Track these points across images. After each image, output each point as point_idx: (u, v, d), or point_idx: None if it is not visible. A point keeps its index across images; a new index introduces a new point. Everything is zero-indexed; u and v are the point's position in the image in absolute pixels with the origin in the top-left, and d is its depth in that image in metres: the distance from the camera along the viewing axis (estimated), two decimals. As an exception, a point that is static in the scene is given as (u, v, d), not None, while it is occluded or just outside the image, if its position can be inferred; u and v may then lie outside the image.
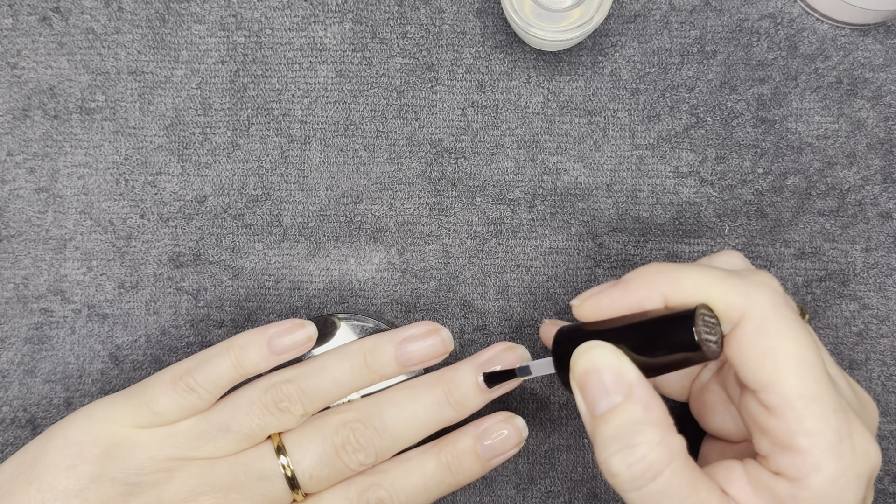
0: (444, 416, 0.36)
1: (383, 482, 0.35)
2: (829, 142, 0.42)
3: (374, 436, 0.35)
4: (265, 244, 0.42)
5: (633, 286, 0.31)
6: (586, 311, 0.32)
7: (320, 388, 0.36)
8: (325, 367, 0.36)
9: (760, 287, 0.30)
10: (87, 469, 0.34)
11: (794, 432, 0.29)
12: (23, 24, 0.43)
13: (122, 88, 0.43)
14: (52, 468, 0.34)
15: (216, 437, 0.35)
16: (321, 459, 0.35)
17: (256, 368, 0.36)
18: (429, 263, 0.42)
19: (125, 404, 0.35)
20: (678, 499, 0.29)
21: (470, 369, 0.37)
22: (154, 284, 0.42)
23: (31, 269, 0.42)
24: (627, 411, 0.29)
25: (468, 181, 0.42)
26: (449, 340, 0.37)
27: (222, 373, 0.35)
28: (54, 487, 0.33)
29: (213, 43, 0.43)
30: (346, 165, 0.42)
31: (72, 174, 0.42)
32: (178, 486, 0.34)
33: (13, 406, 0.42)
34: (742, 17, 0.42)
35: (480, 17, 0.42)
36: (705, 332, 0.29)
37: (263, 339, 0.36)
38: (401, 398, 0.36)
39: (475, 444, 0.36)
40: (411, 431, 0.36)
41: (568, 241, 0.42)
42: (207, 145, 0.42)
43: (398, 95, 0.42)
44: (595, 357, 0.30)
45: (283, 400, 0.35)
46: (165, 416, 0.35)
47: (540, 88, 0.42)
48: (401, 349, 0.36)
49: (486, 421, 0.37)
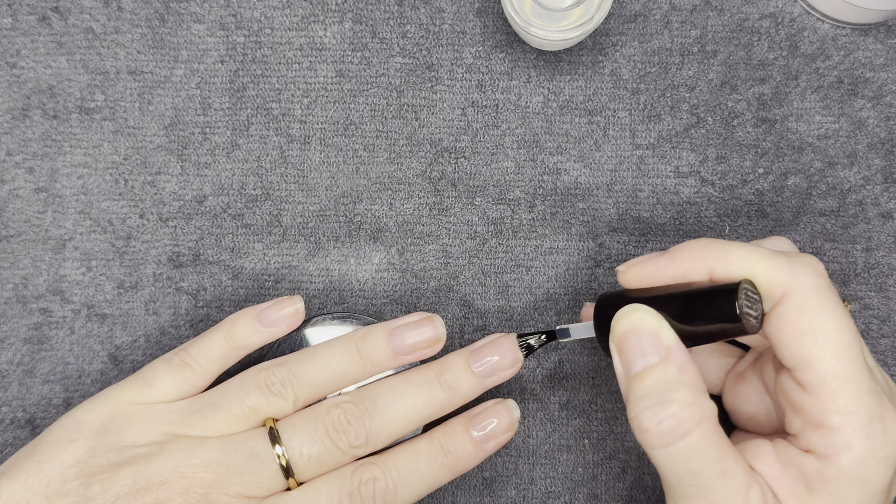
0: (435, 397, 0.36)
1: (377, 460, 0.36)
2: (830, 141, 0.42)
3: (364, 415, 0.35)
4: (265, 244, 0.42)
5: (679, 257, 0.32)
6: (631, 277, 0.33)
7: (311, 372, 0.36)
8: (317, 352, 0.37)
9: (805, 268, 0.30)
10: (84, 442, 0.35)
11: (827, 410, 0.29)
12: (22, 24, 0.43)
13: (121, 88, 0.42)
14: (54, 442, 0.35)
15: (206, 415, 0.35)
16: (311, 438, 0.35)
17: (247, 341, 0.37)
18: (429, 263, 0.42)
19: (127, 384, 0.36)
20: (704, 462, 0.29)
21: (460, 354, 0.37)
22: (153, 284, 0.42)
23: (31, 269, 0.42)
24: (663, 371, 0.30)
25: (468, 181, 0.42)
26: (442, 329, 0.37)
27: (214, 346, 0.37)
28: (52, 459, 0.34)
29: (213, 42, 0.42)
30: (345, 165, 0.42)
31: (71, 174, 0.42)
32: (167, 458, 0.34)
33: (12, 406, 0.42)
34: (743, 17, 0.42)
35: (480, 17, 0.42)
36: (747, 306, 0.30)
37: (253, 313, 0.38)
38: (392, 381, 0.37)
39: (467, 424, 0.37)
40: (402, 413, 0.36)
41: (568, 241, 0.42)
42: (207, 145, 0.42)
43: (398, 95, 0.42)
44: (635, 319, 0.31)
45: (274, 383, 0.36)
46: (163, 392, 0.36)
47: (540, 88, 0.42)
48: (393, 336, 0.37)
49: (478, 406, 0.37)
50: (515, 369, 0.37)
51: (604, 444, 0.41)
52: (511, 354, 0.37)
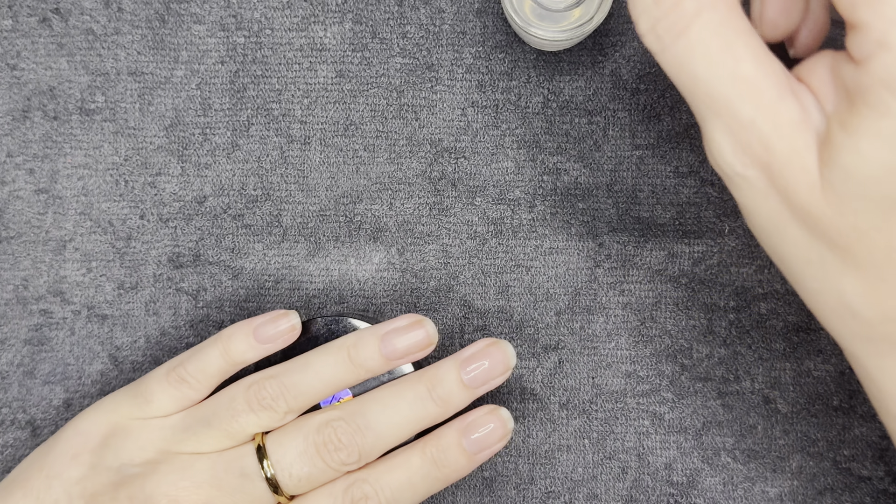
0: (427, 412, 0.36)
1: (368, 477, 0.35)
2: (830, 141, 0.42)
3: (357, 433, 0.35)
4: (265, 244, 0.42)
5: None
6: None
7: (303, 384, 0.36)
8: (309, 362, 0.36)
9: None
10: (87, 458, 0.35)
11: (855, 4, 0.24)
12: (22, 26, 0.43)
13: (121, 89, 0.43)
14: (60, 456, 0.35)
15: (198, 431, 0.35)
16: (301, 458, 0.35)
17: (243, 357, 0.37)
18: (429, 263, 0.42)
19: (126, 396, 0.37)
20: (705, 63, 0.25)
21: (453, 365, 0.36)
22: (154, 285, 0.42)
23: (31, 270, 0.42)
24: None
25: (468, 181, 0.42)
26: (433, 332, 0.37)
27: (211, 362, 0.36)
28: (60, 475, 0.35)
29: (213, 43, 0.43)
30: (346, 165, 0.42)
31: (71, 175, 0.42)
32: (160, 479, 0.35)
33: (12, 407, 0.42)
34: (742, 17, 0.42)
35: (480, 17, 0.42)
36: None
37: (249, 329, 0.37)
38: (384, 395, 0.36)
39: (460, 437, 0.36)
40: (395, 429, 0.36)
41: (568, 241, 0.42)
42: (207, 146, 0.42)
43: (398, 95, 0.42)
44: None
45: (265, 397, 0.35)
46: (160, 408, 0.36)
47: (540, 88, 0.42)
48: (384, 342, 0.36)
49: (471, 415, 0.37)
50: (506, 376, 0.37)
51: (604, 444, 0.41)
52: (502, 364, 0.36)
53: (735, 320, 0.42)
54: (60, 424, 0.42)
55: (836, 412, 0.42)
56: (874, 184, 0.25)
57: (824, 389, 0.42)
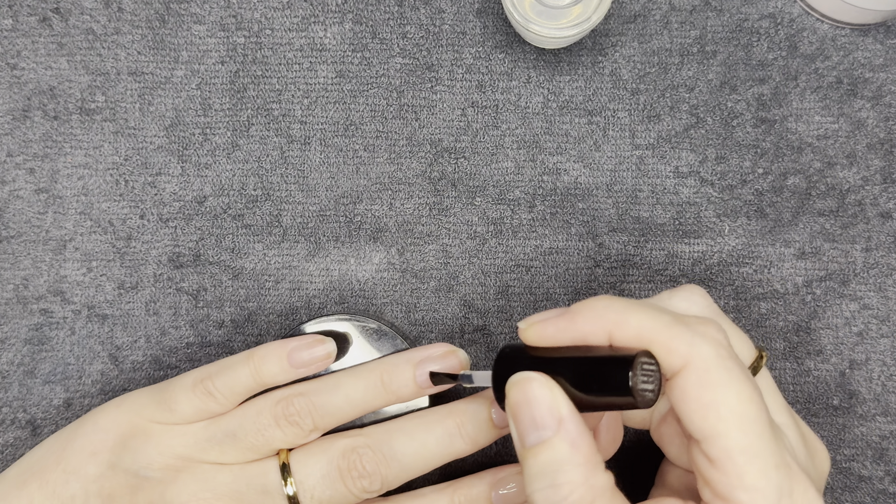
0: (455, 448, 0.36)
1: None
2: (829, 142, 0.42)
3: (382, 463, 0.35)
4: (265, 244, 0.42)
5: (579, 319, 0.30)
6: (532, 336, 0.31)
7: (332, 405, 0.36)
8: (340, 383, 0.36)
9: (705, 338, 0.29)
10: (105, 457, 0.35)
11: (734, 487, 0.28)
12: (23, 25, 0.43)
13: (121, 89, 0.43)
14: (79, 451, 0.35)
15: (222, 441, 0.35)
16: (324, 481, 0.35)
17: (274, 380, 0.36)
18: (429, 263, 0.42)
19: (150, 399, 0.36)
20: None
21: (483, 402, 0.36)
22: (154, 285, 0.42)
23: (31, 269, 0.42)
24: (554, 448, 0.29)
25: (468, 181, 0.42)
26: (466, 363, 0.37)
27: (241, 381, 0.36)
28: (77, 471, 0.35)
29: (213, 43, 0.43)
30: (346, 166, 0.42)
31: (72, 175, 0.42)
32: (180, 487, 0.34)
33: (13, 407, 0.42)
34: (742, 17, 0.42)
35: (480, 17, 0.42)
36: (643, 380, 0.29)
37: (284, 352, 0.36)
38: (412, 427, 0.36)
39: (490, 491, 0.36)
40: (420, 462, 0.35)
41: (568, 241, 0.42)
42: (207, 146, 0.42)
43: (398, 95, 0.42)
44: (528, 389, 0.30)
45: (292, 414, 0.35)
46: (182, 416, 0.36)
47: (540, 88, 0.42)
48: (420, 370, 0.36)
49: (504, 470, 0.37)
50: None
51: (604, 444, 0.42)
52: None
53: (735, 320, 0.42)
54: (61, 424, 0.42)
55: (836, 412, 0.42)
56: None
57: (824, 389, 0.42)
